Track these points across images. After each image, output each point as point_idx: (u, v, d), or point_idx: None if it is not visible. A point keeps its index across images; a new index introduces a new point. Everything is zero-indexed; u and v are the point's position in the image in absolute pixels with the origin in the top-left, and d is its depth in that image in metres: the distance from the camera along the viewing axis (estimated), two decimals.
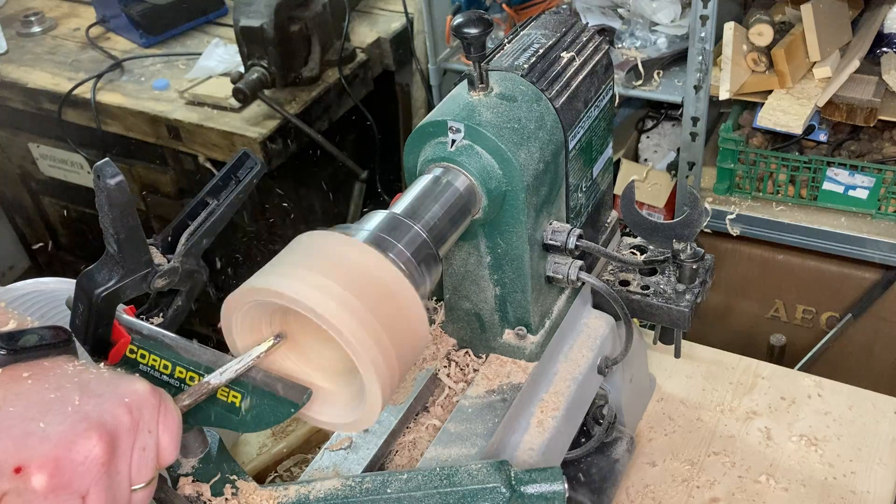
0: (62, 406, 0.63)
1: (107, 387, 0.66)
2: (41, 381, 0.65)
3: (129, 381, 0.68)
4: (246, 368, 0.77)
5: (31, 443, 0.61)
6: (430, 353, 1.11)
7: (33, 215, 3.30)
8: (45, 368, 0.66)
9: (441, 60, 2.57)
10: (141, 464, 0.67)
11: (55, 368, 0.66)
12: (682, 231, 1.17)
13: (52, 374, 0.66)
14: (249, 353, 0.77)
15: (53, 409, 0.63)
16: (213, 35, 2.91)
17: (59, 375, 0.66)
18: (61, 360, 0.68)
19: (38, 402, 0.63)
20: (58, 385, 0.65)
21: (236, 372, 0.76)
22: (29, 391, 0.64)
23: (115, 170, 0.73)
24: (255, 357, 0.76)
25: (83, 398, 0.64)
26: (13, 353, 0.65)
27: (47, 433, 0.61)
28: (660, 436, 1.39)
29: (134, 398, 0.67)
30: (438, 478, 0.82)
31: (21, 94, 2.79)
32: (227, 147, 2.46)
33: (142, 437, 0.67)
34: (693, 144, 2.23)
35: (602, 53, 1.12)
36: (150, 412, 0.68)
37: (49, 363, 0.67)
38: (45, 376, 0.65)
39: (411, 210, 0.88)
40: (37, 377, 0.65)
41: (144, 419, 0.67)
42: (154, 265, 0.82)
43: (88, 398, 0.64)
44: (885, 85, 2.05)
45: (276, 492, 0.84)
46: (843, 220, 2.18)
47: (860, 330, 2.32)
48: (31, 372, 0.65)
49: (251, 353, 0.77)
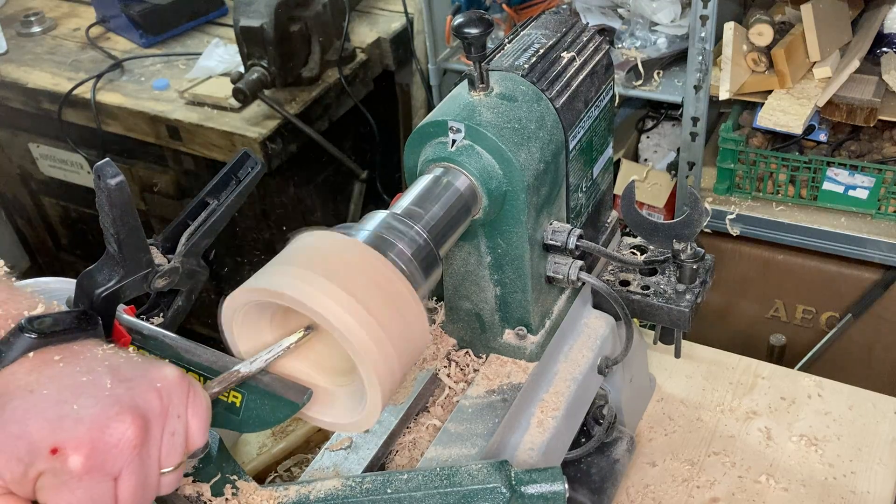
0: (94, 389, 0.64)
1: (137, 371, 0.67)
2: (72, 365, 0.65)
3: (158, 367, 0.69)
4: (276, 358, 0.77)
5: (66, 425, 0.62)
6: (430, 353, 1.11)
7: (33, 215, 3.29)
8: (75, 352, 0.67)
9: (441, 60, 2.57)
10: (171, 448, 0.68)
11: (85, 352, 0.67)
12: (682, 231, 1.17)
13: (83, 357, 0.66)
14: (280, 343, 0.77)
15: (86, 391, 0.64)
16: (213, 35, 2.91)
17: (90, 359, 0.67)
18: (90, 343, 0.69)
19: (70, 385, 0.64)
20: (89, 368, 0.65)
21: (266, 361, 0.77)
22: (61, 374, 0.64)
23: (115, 170, 0.73)
24: (285, 347, 0.77)
25: (114, 382, 0.65)
26: (43, 337, 0.65)
27: (81, 416, 0.62)
28: (660, 436, 1.39)
29: (164, 383, 0.67)
30: (439, 478, 0.82)
31: (21, 94, 2.79)
32: (227, 147, 2.45)
33: (171, 421, 0.68)
34: (693, 144, 2.23)
35: (602, 53, 1.12)
36: (179, 397, 0.69)
37: (79, 346, 0.67)
38: (76, 359, 0.66)
39: (411, 210, 0.88)
40: (68, 360, 0.66)
41: (174, 404, 0.68)
42: (154, 265, 0.82)
43: (120, 382, 0.65)
44: (885, 85, 2.05)
45: (276, 492, 0.84)
46: (843, 220, 2.18)
47: (860, 330, 2.32)
48: (62, 355, 0.66)
49: (281, 343, 0.77)
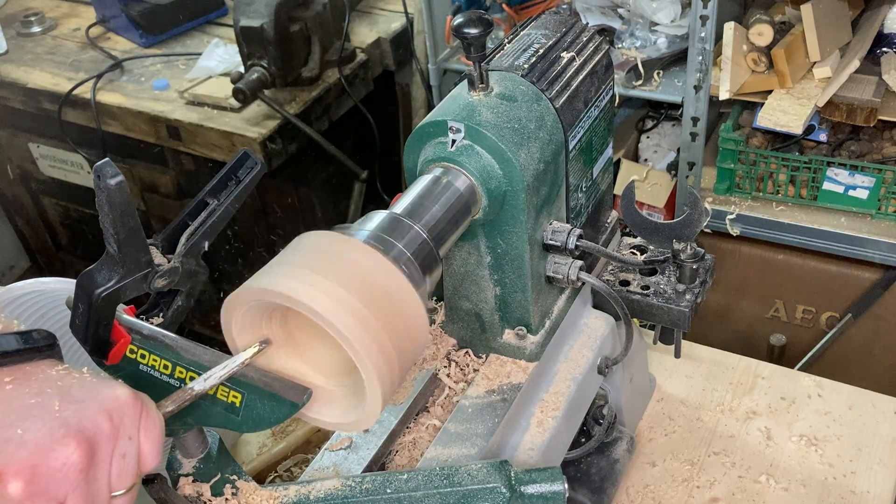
0: (41, 412, 0.63)
1: (88, 392, 0.66)
2: (22, 386, 0.64)
3: (110, 387, 0.67)
4: (230, 374, 0.76)
5: (9, 449, 0.61)
6: (430, 353, 1.11)
7: (33, 215, 3.30)
8: (27, 373, 0.65)
9: (441, 60, 2.57)
10: (121, 470, 0.67)
11: (37, 373, 0.66)
12: (682, 231, 1.17)
13: (34, 378, 0.65)
14: (234, 359, 0.76)
15: (32, 414, 0.62)
16: (213, 35, 2.91)
17: (41, 380, 0.65)
18: (44, 364, 0.67)
19: (17, 408, 0.62)
20: (39, 390, 0.64)
21: (220, 378, 0.76)
22: (9, 396, 0.63)
23: (115, 170, 0.73)
24: (239, 363, 0.76)
25: (63, 404, 0.64)
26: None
27: (25, 439, 0.61)
28: (660, 436, 1.39)
29: (115, 404, 0.66)
30: (438, 478, 0.82)
31: (21, 94, 2.79)
32: (227, 147, 2.46)
33: (122, 443, 0.67)
34: (693, 144, 2.23)
35: (602, 53, 1.12)
36: (131, 419, 0.67)
37: (31, 367, 0.66)
38: (27, 381, 0.65)
39: (411, 210, 0.88)
40: (18, 382, 0.64)
41: (125, 426, 0.67)
42: (154, 265, 0.82)
43: (69, 404, 0.64)
44: (885, 85, 2.05)
45: (276, 492, 0.84)
46: (843, 220, 2.18)
47: (860, 330, 2.32)
48: (12, 377, 0.64)
49: (235, 359, 0.76)
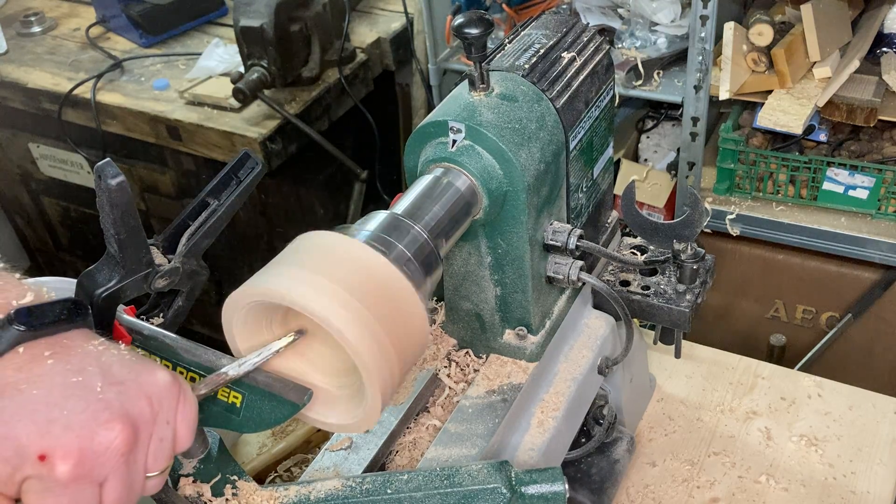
0: (84, 391, 0.63)
1: (129, 374, 0.66)
2: (63, 362, 0.64)
3: (150, 370, 0.68)
4: (264, 361, 0.77)
5: (55, 430, 0.61)
6: (430, 354, 1.11)
7: (33, 215, 3.29)
8: (65, 347, 0.65)
9: (441, 60, 2.57)
10: (158, 453, 0.68)
11: (76, 347, 0.66)
12: (682, 231, 1.17)
13: (74, 353, 0.65)
14: (269, 346, 0.77)
15: (76, 393, 0.63)
16: (213, 35, 2.91)
17: (81, 355, 0.65)
18: (80, 336, 0.67)
19: (60, 385, 0.63)
20: (80, 367, 0.64)
21: (254, 365, 0.77)
22: (51, 372, 0.63)
23: (115, 170, 0.73)
24: (274, 351, 0.77)
25: (105, 384, 0.64)
26: (32, 329, 0.64)
27: (70, 421, 0.62)
28: (660, 436, 1.39)
29: (155, 389, 0.67)
30: (439, 478, 0.82)
31: (21, 94, 2.79)
32: (227, 147, 2.46)
33: (160, 427, 0.68)
34: (693, 144, 2.23)
35: (603, 53, 1.12)
36: (169, 403, 0.68)
37: (69, 340, 0.66)
38: (67, 356, 0.65)
39: (412, 210, 0.88)
40: (58, 356, 0.64)
41: (164, 410, 0.68)
42: (155, 265, 0.82)
43: (111, 385, 0.64)
44: (885, 85, 2.05)
45: (276, 492, 0.84)
46: (843, 220, 2.18)
47: (860, 330, 2.32)
48: (51, 350, 0.64)
49: (271, 346, 0.77)
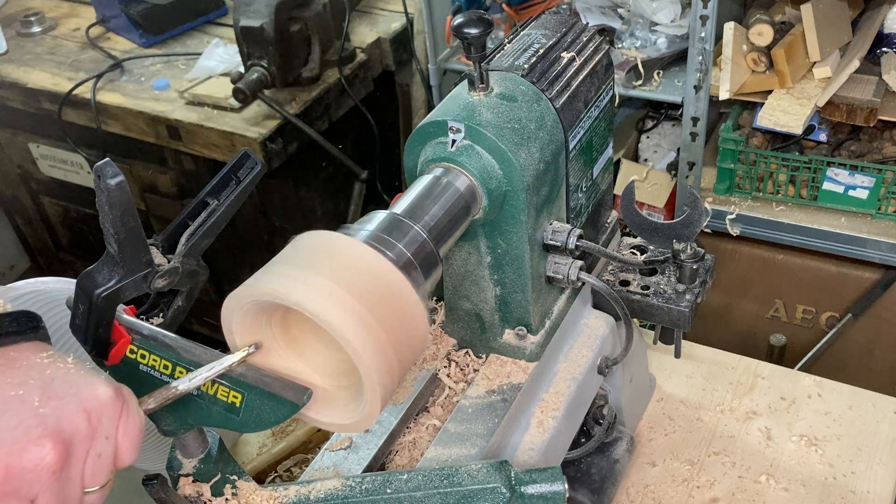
0: (21, 406, 0.62)
1: (69, 388, 0.65)
2: (5, 375, 0.63)
3: (92, 384, 0.67)
4: (215, 375, 0.76)
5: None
6: (430, 353, 1.11)
7: (33, 215, 3.30)
8: (10, 360, 0.65)
9: (441, 60, 2.57)
10: (95, 469, 0.67)
11: (22, 360, 0.65)
12: (682, 231, 1.17)
13: (18, 367, 0.65)
14: (221, 360, 0.76)
15: (11, 408, 0.62)
16: (213, 35, 2.91)
17: (25, 368, 0.65)
18: (29, 349, 0.67)
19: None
20: (21, 381, 0.64)
21: (205, 378, 0.76)
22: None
23: (115, 170, 0.73)
24: (225, 366, 0.76)
25: (43, 399, 0.63)
26: None
27: (1, 437, 0.61)
28: (660, 436, 1.39)
29: (95, 404, 0.66)
30: (438, 478, 0.82)
31: (21, 94, 2.79)
32: (227, 147, 2.46)
33: (98, 443, 0.66)
34: (693, 144, 2.23)
35: (602, 53, 1.12)
36: (110, 418, 0.67)
37: (16, 353, 0.65)
38: (11, 368, 0.64)
39: (411, 210, 0.88)
40: (1, 370, 0.64)
41: (103, 425, 0.67)
42: (154, 265, 0.82)
43: (49, 399, 0.64)
44: (885, 85, 2.05)
45: (276, 492, 0.84)
46: (843, 220, 2.18)
47: (860, 330, 2.32)
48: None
49: (223, 361, 0.76)
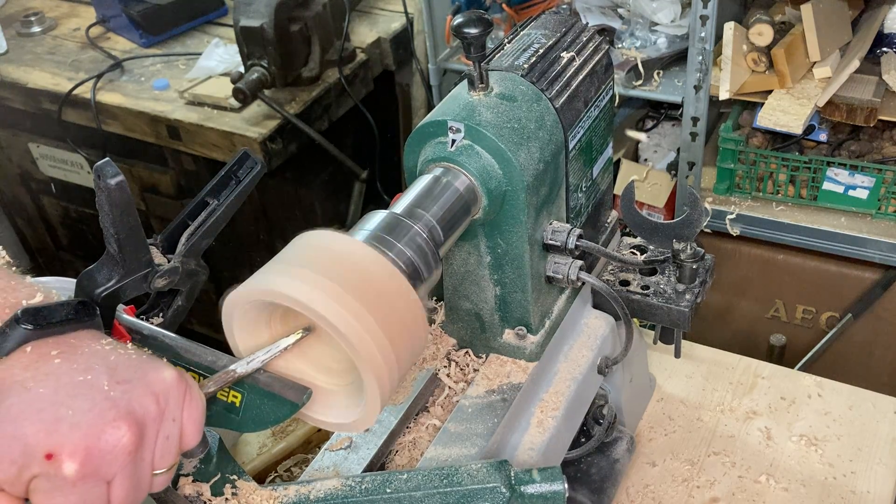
0: (91, 390, 0.63)
1: (135, 372, 0.66)
2: (70, 361, 0.64)
3: (156, 368, 0.68)
4: (272, 358, 0.77)
5: (62, 429, 0.61)
6: (430, 353, 1.11)
7: (33, 215, 3.30)
8: (72, 346, 0.66)
9: (441, 60, 2.57)
10: (164, 451, 0.68)
11: (83, 346, 0.66)
12: (682, 231, 1.17)
13: (81, 352, 0.65)
14: (277, 343, 0.77)
15: (83, 392, 0.63)
16: (213, 35, 2.91)
17: (88, 355, 0.66)
18: (88, 336, 0.68)
19: (67, 384, 0.63)
20: (87, 366, 0.65)
21: (263, 362, 0.77)
22: (58, 371, 0.63)
23: (115, 170, 0.73)
24: (282, 348, 0.77)
25: (112, 383, 0.64)
26: (40, 328, 0.64)
27: (77, 420, 0.62)
28: (660, 436, 1.39)
29: (162, 386, 0.67)
30: (438, 478, 0.82)
31: (21, 94, 2.79)
32: (227, 147, 2.46)
33: (167, 425, 0.68)
34: (693, 144, 2.23)
35: (602, 53, 1.12)
36: (175, 400, 0.68)
37: (76, 340, 0.66)
38: (74, 355, 0.65)
39: (411, 210, 0.88)
40: (65, 356, 0.65)
41: (170, 408, 0.68)
42: (154, 265, 0.82)
43: (117, 383, 0.65)
44: (885, 85, 2.05)
45: (276, 492, 0.84)
46: (843, 220, 2.18)
47: (860, 330, 2.32)
48: (59, 349, 0.65)
49: (279, 343, 0.77)
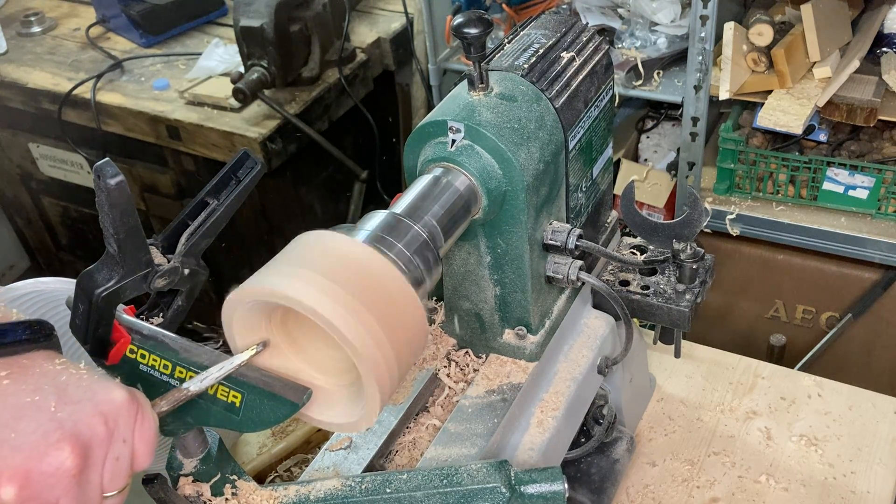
0: (37, 412, 0.62)
1: (84, 393, 0.65)
2: (19, 383, 0.63)
3: (106, 389, 0.67)
4: (226, 374, 0.76)
5: (3, 452, 0.60)
6: (429, 353, 1.11)
7: (33, 215, 3.30)
8: (23, 367, 0.65)
9: (441, 60, 2.57)
10: (114, 472, 0.67)
11: (34, 367, 0.65)
12: (682, 231, 1.17)
13: (31, 374, 0.65)
14: (231, 360, 0.76)
15: (28, 414, 0.62)
16: (213, 35, 2.91)
17: (38, 375, 0.65)
18: (42, 357, 0.67)
19: (13, 406, 0.62)
20: (35, 387, 0.64)
21: (216, 379, 0.76)
22: (4, 393, 0.62)
23: (115, 170, 0.73)
24: (235, 365, 0.76)
25: (59, 404, 0.63)
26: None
27: (19, 442, 0.61)
28: (660, 436, 1.39)
29: (110, 407, 0.66)
30: (438, 478, 0.82)
31: (21, 94, 2.79)
32: (227, 147, 2.46)
33: (116, 446, 0.67)
34: (693, 144, 2.23)
35: (602, 53, 1.12)
36: (125, 421, 0.67)
37: (28, 361, 0.65)
38: (24, 376, 0.64)
39: (411, 210, 0.88)
40: (15, 377, 0.64)
41: (120, 429, 0.67)
42: (154, 265, 0.82)
43: (65, 404, 0.64)
44: (885, 85, 2.05)
45: (276, 492, 0.84)
46: (843, 220, 2.18)
47: (860, 330, 2.32)
48: (9, 370, 0.64)
49: (232, 360, 0.76)
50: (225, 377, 0.77)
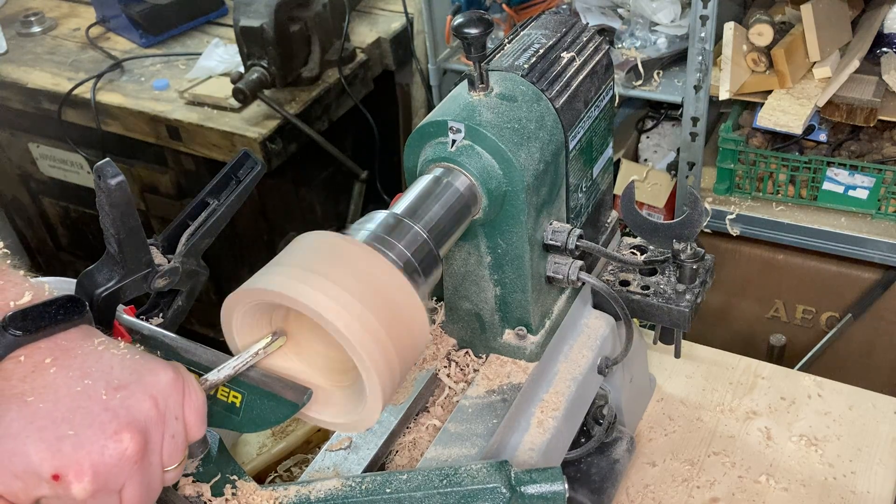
0: (89, 402, 0.63)
1: (131, 375, 0.66)
2: (65, 369, 0.64)
3: (152, 371, 0.68)
4: (245, 366, 0.77)
5: (66, 448, 0.61)
6: (430, 353, 1.11)
7: (33, 215, 3.29)
8: (66, 350, 0.65)
9: (441, 60, 2.57)
10: (172, 449, 0.69)
11: (75, 349, 0.66)
12: (682, 231, 1.17)
13: (74, 357, 0.65)
14: (248, 350, 0.77)
15: (81, 405, 0.63)
16: (213, 35, 2.91)
17: (82, 358, 0.65)
18: (79, 336, 0.67)
19: (65, 397, 0.63)
20: (83, 373, 0.64)
21: (235, 369, 0.76)
22: (55, 383, 0.63)
23: (115, 170, 0.73)
24: (253, 354, 0.76)
25: (109, 390, 0.64)
26: (28, 334, 0.64)
27: (80, 437, 0.62)
28: (660, 436, 1.39)
29: (159, 388, 0.67)
30: (438, 478, 0.82)
31: (21, 94, 2.79)
32: (227, 147, 2.46)
33: (170, 424, 0.68)
34: (693, 144, 2.23)
35: (602, 53, 1.12)
36: (175, 399, 0.69)
37: (67, 342, 0.66)
38: (68, 362, 0.65)
39: (412, 210, 0.88)
40: (59, 363, 0.64)
41: (170, 408, 0.68)
42: (154, 265, 0.82)
43: (115, 391, 0.65)
44: (885, 85, 2.05)
45: (276, 492, 0.84)
46: (843, 220, 2.18)
47: (860, 330, 2.32)
48: (52, 356, 0.64)
49: (250, 350, 0.77)
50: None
